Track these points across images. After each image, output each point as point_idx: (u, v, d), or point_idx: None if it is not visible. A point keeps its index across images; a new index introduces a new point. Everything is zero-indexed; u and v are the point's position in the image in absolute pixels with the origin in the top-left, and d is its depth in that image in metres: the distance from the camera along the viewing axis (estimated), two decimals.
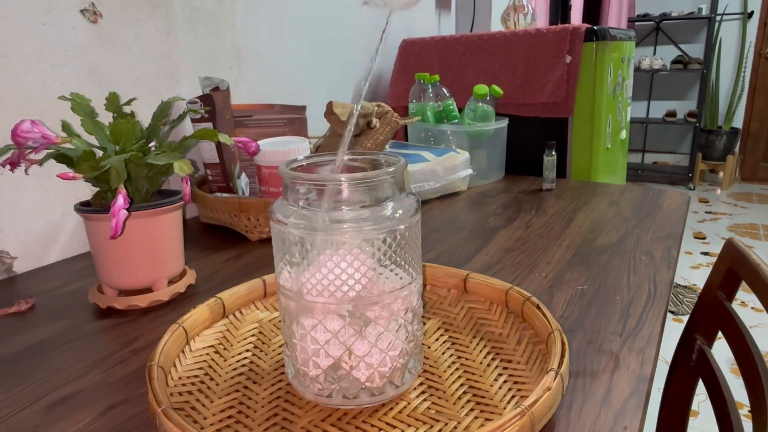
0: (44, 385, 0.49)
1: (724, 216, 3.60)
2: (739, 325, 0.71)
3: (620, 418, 0.41)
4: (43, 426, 0.43)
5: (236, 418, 0.42)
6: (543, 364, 0.46)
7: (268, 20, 1.21)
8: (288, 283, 0.41)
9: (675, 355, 0.85)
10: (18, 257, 0.77)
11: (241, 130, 1.00)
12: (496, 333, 0.53)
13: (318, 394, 0.42)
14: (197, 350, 0.51)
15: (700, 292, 0.82)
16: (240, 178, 0.95)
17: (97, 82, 0.86)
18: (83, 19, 0.83)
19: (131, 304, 0.63)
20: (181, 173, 0.59)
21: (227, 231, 0.90)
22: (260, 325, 0.56)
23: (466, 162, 1.15)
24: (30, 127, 0.57)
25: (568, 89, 1.37)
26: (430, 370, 0.47)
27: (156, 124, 0.66)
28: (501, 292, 0.56)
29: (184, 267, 0.70)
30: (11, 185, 0.76)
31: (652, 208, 0.98)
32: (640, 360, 0.49)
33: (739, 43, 4.21)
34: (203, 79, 0.96)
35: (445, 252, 0.79)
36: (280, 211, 0.41)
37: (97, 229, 0.61)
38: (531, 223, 0.91)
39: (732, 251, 0.76)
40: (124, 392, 0.47)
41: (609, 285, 0.66)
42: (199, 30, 1.04)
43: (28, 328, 0.60)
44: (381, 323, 0.41)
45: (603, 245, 0.80)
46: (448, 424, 0.40)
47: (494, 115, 1.26)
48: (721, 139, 4.21)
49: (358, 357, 0.41)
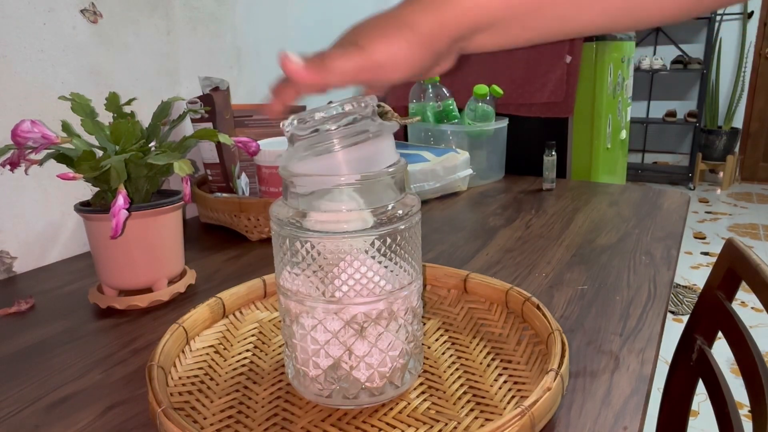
0: (44, 385, 0.49)
1: (724, 216, 3.60)
2: (739, 325, 0.71)
3: (620, 418, 0.41)
4: (43, 426, 0.43)
5: (236, 418, 0.42)
6: (543, 365, 0.46)
7: (268, 20, 1.21)
8: (288, 284, 0.41)
9: (675, 355, 0.85)
10: (18, 257, 0.77)
11: (241, 130, 1.00)
12: (496, 333, 0.53)
13: (318, 394, 0.42)
14: (197, 350, 0.51)
15: (700, 292, 0.82)
16: (240, 178, 0.95)
17: (97, 82, 0.86)
18: (83, 19, 0.83)
19: (131, 304, 0.63)
20: (181, 173, 0.59)
21: (227, 231, 0.90)
22: (260, 325, 0.56)
23: (466, 162, 1.15)
24: (30, 127, 0.57)
25: (568, 89, 1.37)
26: (430, 371, 0.47)
27: (156, 124, 0.66)
28: (501, 292, 0.56)
29: (184, 267, 0.70)
30: (11, 185, 0.76)
31: (652, 208, 0.98)
32: (640, 360, 0.49)
33: (739, 43, 4.21)
34: (203, 79, 0.96)
35: (445, 252, 0.79)
36: (280, 212, 0.41)
37: (97, 229, 0.61)
38: (531, 223, 0.91)
39: (732, 251, 0.76)
40: (124, 392, 0.47)
41: (609, 285, 0.66)
42: (199, 30, 1.04)
43: (28, 328, 0.60)
44: (381, 323, 0.41)
45: (603, 245, 0.80)
46: (448, 425, 0.40)
47: (494, 115, 1.26)
48: (721, 139, 4.21)
49: (358, 357, 0.41)
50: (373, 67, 0.36)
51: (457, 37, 0.37)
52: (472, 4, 0.35)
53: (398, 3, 0.37)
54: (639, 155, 4.71)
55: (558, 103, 1.39)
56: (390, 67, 0.36)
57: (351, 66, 0.36)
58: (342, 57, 0.36)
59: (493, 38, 0.37)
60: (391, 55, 0.36)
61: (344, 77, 0.37)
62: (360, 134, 0.38)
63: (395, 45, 0.36)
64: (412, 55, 0.36)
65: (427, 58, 0.37)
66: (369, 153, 0.38)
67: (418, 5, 0.36)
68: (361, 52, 0.36)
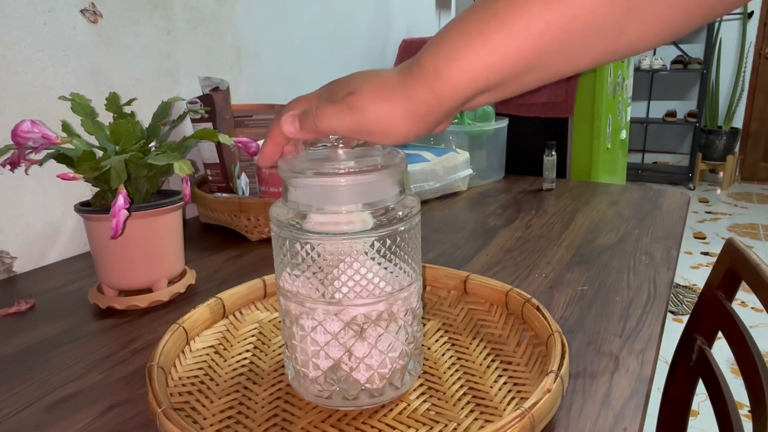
0: (44, 385, 0.49)
1: (724, 216, 3.60)
2: (739, 325, 0.71)
3: (620, 419, 0.41)
4: (43, 426, 0.43)
5: (236, 419, 0.42)
6: (543, 366, 0.46)
7: (268, 20, 1.21)
8: (288, 285, 0.41)
9: (675, 355, 0.85)
10: (18, 257, 0.77)
11: (241, 130, 1.00)
12: (496, 334, 0.53)
13: (318, 395, 0.42)
14: (197, 350, 0.51)
15: (700, 292, 0.82)
16: (240, 178, 0.95)
17: (97, 82, 0.86)
18: (83, 19, 0.83)
19: (131, 304, 0.63)
20: (181, 173, 0.59)
21: (227, 231, 0.90)
22: (260, 325, 0.56)
23: (466, 162, 1.15)
24: (30, 127, 0.57)
25: (568, 89, 1.37)
26: (430, 372, 0.47)
27: (156, 124, 0.66)
28: (501, 293, 0.56)
29: (184, 267, 0.70)
30: (11, 185, 0.76)
31: (652, 208, 0.98)
32: (640, 361, 0.49)
33: (739, 43, 4.20)
34: (203, 79, 0.96)
35: (445, 252, 0.79)
36: (279, 213, 0.41)
37: (97, 229, 0.61)
38: (531, 223, 0.91)
39: (732, 251, 0.76)
40: (124, 392, 0.47)
41: (609, 285, 0.66)
42: (199, 30, 1.04)
43: (28, 328, 0.60)
44: (381, 325, 0.41)
45: (603, 245, 0.80)
46: (447, 426, 0.40)
47: (494, 115, 1.26)
48: (721, 139, 4.21)
49: (357, 358, 0.41)
50: (365, 131, 0.36)
51: (454, 108, 0.36)
52: (466, 76, 0.34)
53: (398, 67, 0.37)
54: (639, 155, 4.71)
55: (558, 103, 1.39)
56: (382, 134, 0.36)
57: (343, 128, 0.36)
58: (335, 118, 0.36)
59: (490, 98, 0.37)
60: (385, 124, 0.35)
61: (336, 135, 0.37)
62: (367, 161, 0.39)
63: (391, 114, 0.35)
64: (407, 125, 0.35)
65: (422, 129, 0.36)
66: (374, 181, 0.39)
67: (414, 77, 0.35)
68: (354, 114, 0.35)
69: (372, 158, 0.39)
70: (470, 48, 0.33)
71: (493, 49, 0.32)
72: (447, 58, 0.34)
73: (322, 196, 0.39)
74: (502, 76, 0.34)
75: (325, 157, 0.39)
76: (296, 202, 0.40)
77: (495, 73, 0.33)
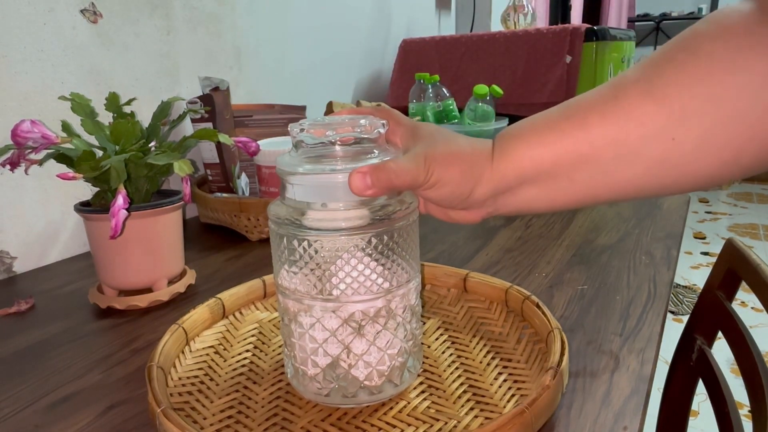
0: (44, 385, 0.49)
1: (724, 216, 3.60)
2: (739, 325, 0.71)
3: (620, 418, 0.41)
4: (43, 426, 0.43)
5: (236, 418, 0.42)
6: (543, 363, 0.46)
7: (268, 20, 1.21)
8: (286, 282, 0.41)
9: (675, 354, 0.85)
10: (18, 257, 0.78)
11: (241, 130, 1.00)
12: (496, 332, 0.53)
13: (317, 393, 0.42)
14: (197, 350, 0.51)
15: (700, 292, 0.82)
16: (240, 178, 0.95)
17: (97, 82, 0.86)
18: (83, 19, 0.83)
19: (131, 304, 0.63)
20: (181, 173, 0.59)
21: (227, 231, 0.90)
22: (260, 325, 0.56)
23: None
24: (30, 127, 0.58)
25: (568, 89, 1.37)
26: (429, 370, 0.47)
27: (156, 124, 0.66)
28: (501, 291, 0.56)
29: (184, 267, 0.70)
30: (11, 185, 0.76)
31: (652, 208, 0.98)
32: (640, 360, 0.49)
33: None
34: (203, 79, 0.96)
35: (445, 252, 0.79)
36: (277, 211, 0.41)
37: (97, 229, 0.61)
38: (531, 223, 0.91)
39: (732, 251, 0.76)
40: (124, 392, 0.47)
41: (609, 285, 0.66)
42: (199, 30, 1.04)
43: (28, 328, 0.60)
44: (379, 321, 0.41)
45: (603, 245, 0.80)
46: (447, 423, 0.40)
47: (494, 115, 1.26)
48: None
49: (356, 355, 0.41)
50: (422, 189, 0.40)
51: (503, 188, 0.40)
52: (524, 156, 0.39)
53: (484, 146, 0.41)
54: None
55: (558, 103, 1.39)
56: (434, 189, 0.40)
57: (406, 185, 0.38)
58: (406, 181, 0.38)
59: (539, 192, 0.40)
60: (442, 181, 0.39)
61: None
62: (364, 157, 0.38)
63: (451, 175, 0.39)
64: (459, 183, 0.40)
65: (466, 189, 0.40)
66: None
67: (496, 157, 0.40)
68: (423, 179, 0.38)
69: (369, 155, 0.39)
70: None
71: None
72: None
73: (320, 192, 0.39)
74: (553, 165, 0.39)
75: (323, 154, 0.39)
76: (294, 199, 0.40)
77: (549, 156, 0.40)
